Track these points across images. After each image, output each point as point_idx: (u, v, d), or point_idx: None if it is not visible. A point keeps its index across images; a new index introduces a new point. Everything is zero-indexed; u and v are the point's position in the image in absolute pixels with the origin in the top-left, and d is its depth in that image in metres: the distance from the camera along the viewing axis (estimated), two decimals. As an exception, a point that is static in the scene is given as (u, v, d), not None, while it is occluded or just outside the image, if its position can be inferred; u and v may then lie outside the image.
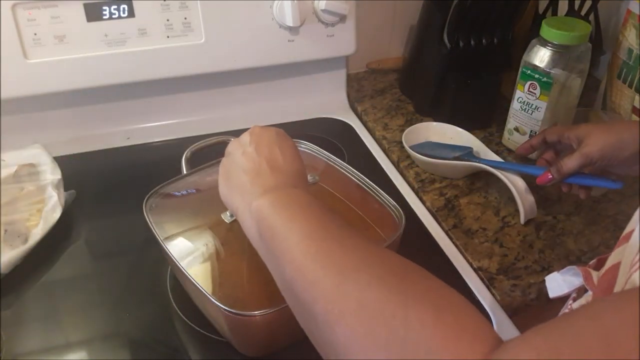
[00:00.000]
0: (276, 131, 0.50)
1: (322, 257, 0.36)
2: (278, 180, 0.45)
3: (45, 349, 0.55)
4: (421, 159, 0.79)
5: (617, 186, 0.64)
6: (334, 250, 0.37)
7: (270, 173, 0.45)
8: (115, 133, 0.87)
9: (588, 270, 0.45)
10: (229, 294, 0.50)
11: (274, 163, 0.46)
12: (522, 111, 0.80)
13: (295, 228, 0.39)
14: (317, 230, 0.39)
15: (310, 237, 0.38)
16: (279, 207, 0.42)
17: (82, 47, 0.77)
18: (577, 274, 0.47)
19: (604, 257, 0.48)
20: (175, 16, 0.79)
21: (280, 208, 0.41)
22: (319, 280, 0.35)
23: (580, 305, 0.45)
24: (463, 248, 0.68)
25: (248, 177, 0.45)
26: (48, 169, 0.71)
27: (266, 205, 0.42)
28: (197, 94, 0.90)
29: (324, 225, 0.39)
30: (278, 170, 0.46)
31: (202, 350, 0.56)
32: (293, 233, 0.39)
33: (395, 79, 1.05)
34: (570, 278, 0.49)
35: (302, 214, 0.40)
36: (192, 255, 0.53)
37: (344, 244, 0.38)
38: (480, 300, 0.61)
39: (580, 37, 0.73)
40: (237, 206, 0.46)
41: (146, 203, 0.58)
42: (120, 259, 0.66)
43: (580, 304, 0.44)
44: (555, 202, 0.75)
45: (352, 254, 0.37)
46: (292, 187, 0.44)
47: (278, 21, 0.83)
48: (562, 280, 0.49)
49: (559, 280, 0.50)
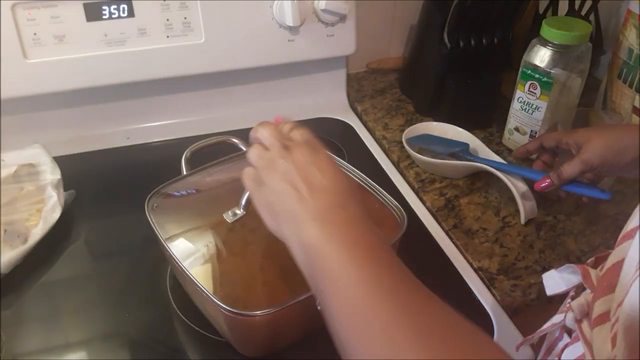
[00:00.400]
0: (307, 143, 0.44)
1: (369, 311, 0.34)
2: (323, 203, 0.40)
3: (45, 349, 0.55)
4: (421, 159, 0.79)
5: (605, 197, 0.64)
6: (383, 305, 0.34)
7: (313, 197, 0.40)
8: (115, 133, 0.87)
9: (586, 269, 0.45)
10: (229, 294, 0.50)
11: (314, 184, 0.41)
12: (523, 111, 0.80)
13: (344, 273, 0.37)
14: (366, 279, 0.36)
15: (358, 287, 0.36)
16: (327, 240, 0.38)
17: (82, 47, 0.77)
18: (575, 272, 0.47)
19: (601, 256, 0.48)
20: (175, 16, 0.79)
21: (329, 242, 0.38)
22: (362, 336, 0.34)
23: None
24: (463, 248, 0.68)
25: (290, 205, 0.41)
26: (48, 169, 0.71)
27: (315, 236, 0.39)
28: (197, 94, 0.90)
29: (376, 272, 0.37)
30: (321, 191, 0.41)
31: (202, 350, 0.56)
32: (342, 277, 0.36)
33: (395, 79, 1.05)
34: (568, 275, 0.48)
35: (352, 251, 0.38)
36: (193, 255, 0.53)
37: (396, 298, 0.35)
38: (481, 301, 0.61)
39: (580, 37, 0.73)
40: (287, 237, 0.42)
41: (148, 203, 0.58)
42: (120, 259, 0.66)
43: (579, 303, 0.43)
44: (555, 202, 0.75)
45: (402, 315, 0.34)
46: (339, 208, 0.40)
47: (278, 21, 0.83)
48: (559, 277, 0.49)
49: (557, 278, 0.49)
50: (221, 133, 0.68)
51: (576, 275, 0.47)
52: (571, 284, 0.48)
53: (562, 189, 0.67)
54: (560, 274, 0.49)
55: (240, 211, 0.56)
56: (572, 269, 0.47)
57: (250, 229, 0.56)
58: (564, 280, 0.48)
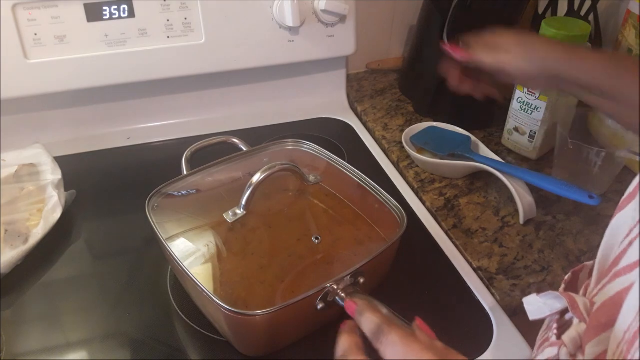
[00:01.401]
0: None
1: None
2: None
3: (45, 349, 0.55)
4: (421, 159, 0.79)
5: (594, 203, 0.64)
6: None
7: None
8: (115, 133, 0.88)
9: (573, 298, 0.42)
10: (230, 293, 0.50)
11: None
12: (522, 111, 0.80)
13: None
14: None
15: None
16: None
17: (82, 47, 0.77)
18: (558, 298, 0.44)
19: (577, 270, 0.47)
20: (175, 16, 0.79)
21: None
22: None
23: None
24: (463, 248, 0.68)
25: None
26: (48, 169, 0.71)
27: None
28: (197, 94, 0.91)
29: None
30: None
31: (202, 350, 0.56)
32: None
33: (395, 79, 1.05)
34: (551, 301, 0.45)
35: None
36: (194, 255, 0.53)
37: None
38: (480, 300, 0.61)
39: (579, 37, 0.73)
40: None
41: (148, 203, 0.58)
42: (120, 259, 0.66)
43: (572, 337, 0.40)
44: (554, 202, 0.75)
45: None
46: None
47: (278, 21, 0.83)
48: (542, 303, 0.45)
49: (539, 303, 0.46)
50: (221, 133, 0.68)
51: (559, 300, 0.44)
52: (555, 309, 0.45)
53: (550, 190, 0.68)
54: (543, 300, 0.45)
55: (240, 211, 0.57)
56: (555, 295, 0.44)
57: (250, 229, 0.56)
58: (547, 306, 0.45)
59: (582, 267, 0.47)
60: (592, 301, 0.40)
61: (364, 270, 0.52)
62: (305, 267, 0.53)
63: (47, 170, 0.71)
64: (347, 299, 0.48)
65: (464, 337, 0.56)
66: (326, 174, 0.64)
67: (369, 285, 0.53)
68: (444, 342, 0.41)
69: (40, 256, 0.64)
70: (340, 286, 0.50)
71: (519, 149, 0.84)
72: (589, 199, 0.65)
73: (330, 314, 0.51)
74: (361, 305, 0.45)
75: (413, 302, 0.60)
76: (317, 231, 0.56)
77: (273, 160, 0.60)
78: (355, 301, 0.46)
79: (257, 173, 0.55)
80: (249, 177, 0.56)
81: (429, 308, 0.60)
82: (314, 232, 0.56)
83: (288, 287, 0.51)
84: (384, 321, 0.42)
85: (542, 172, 0.78)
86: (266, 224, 0.57)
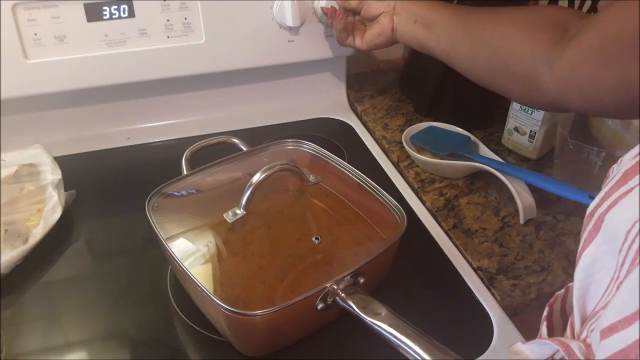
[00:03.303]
0: None
1: None
2: None
3: (45, 349, 0.55)
4: (421, 159, 0.79)
5: (590, 202, 0.64)
6: None
7: None
8: (115, 133, 0.87)
9: (566, 344, 0.37)
10: (230, 293, 0.50)
11: None
12: (522, 111, 0.80)
13: None
14: None
15: None
16: None
17: (82, 47, 0.77)
18: (547, 344, 0.39)
19: (552, 302, 0.43)
20: (175, 16, 0.79)
21: None
22: None
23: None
24: (463, 248, 0.68)
25: None
26: (48, 169, 0.71)
27: None
28: (197, 94, 0.91)
29: None
30: None
31: (202, 350, 0.56)
32: None
33: (395, 79, 1.05)
34: (538, 348, 0.40)
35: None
36: (194, 255, 0.53)
37: None
38: (480, 300, 0.61)
39: (580, 37, 0.73)
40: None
41: (148, 203, 0.58)
42: (120, 259, 0.66)
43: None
44: (554, 202, 0.75)
45: None
46: None
47: (278, 21, 0.83)
48: (530, 351, 0.40)
49: (527, 352, 0.40)
50: (221, 133, 0.68)
51: (549, 347, 0.38)
52: (545, 355, 0.39)
53: (544, 189, 0.69)
54: (530, 347, 0.40)
55: (240, 211, 0.57)
56: (541, 342, 0.39)
57: (250, 229, 0.56)
58: (534, 354, 0.40)
59: (555, 297, 0.44)
60: (587, 342, 0.36)
61: (364, 270, 0.52)
62: (305, 267, 0.53)
63: (47, 170, 0.71)
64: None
65: (464, 337, 0.56)
66: (326, 174, 0.64)
67: (369, 285, 0.53)
68: (444, 342, 0.41)
69: (40, 256, 0.64)
70: (340, 286, 0.50)
71: (519, 149, 0.84)
72: (589, 199, 0.65)
73: (330, 314, 0.51)
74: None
75: (413, 302, 0.60)
76: (317, 231, 0.56)
77: (273, 160, 0.60)
78: None
79: (257, 173, 0.55)
80: (249, 177, 0.56)
81: (429, 308, 0.60)
82: (314, 232, 0.56)
83: (288, 287, 0.51)
84: None
85: (542, 172, 0.78)
86: (266, 224, 0.57)
